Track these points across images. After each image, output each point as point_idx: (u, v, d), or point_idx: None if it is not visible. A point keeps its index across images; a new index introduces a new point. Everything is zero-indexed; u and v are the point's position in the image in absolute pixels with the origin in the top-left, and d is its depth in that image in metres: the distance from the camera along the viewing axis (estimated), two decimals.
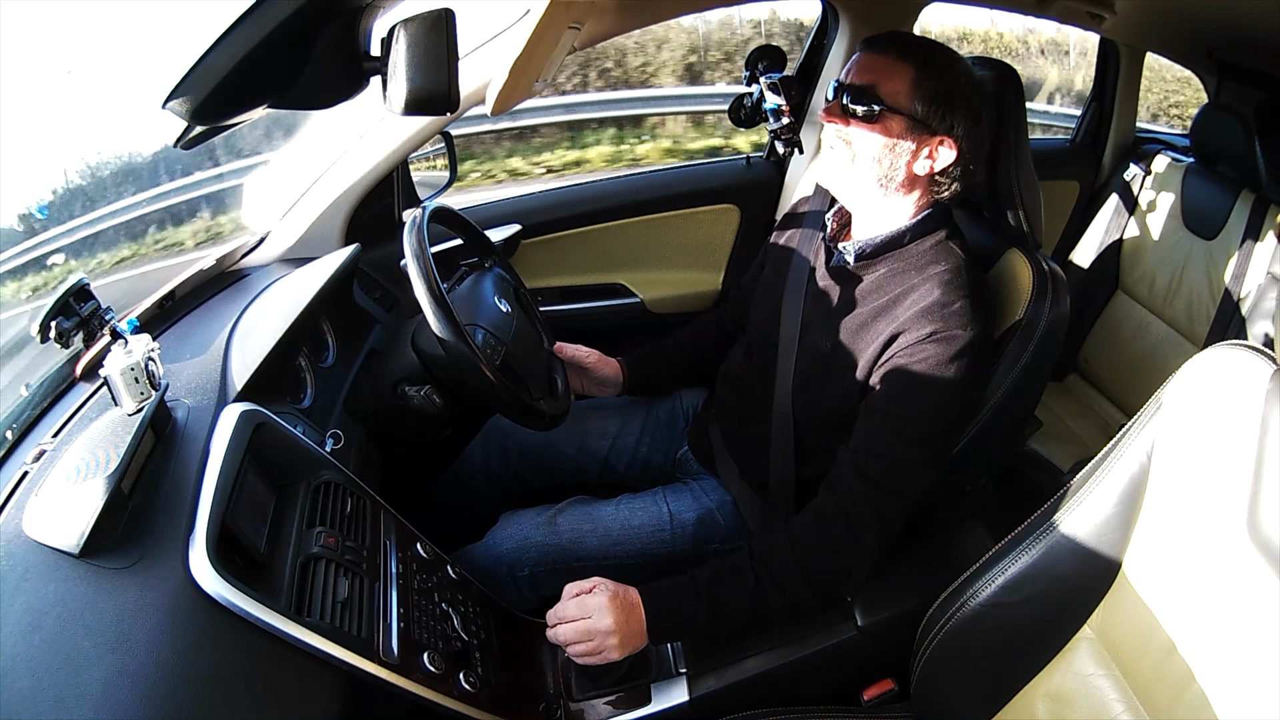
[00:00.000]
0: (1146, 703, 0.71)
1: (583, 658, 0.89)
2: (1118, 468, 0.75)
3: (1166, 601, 0.70)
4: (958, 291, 0.92)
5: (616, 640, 0.88)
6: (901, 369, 0.91)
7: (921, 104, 0.93)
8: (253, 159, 1.70)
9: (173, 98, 0.56)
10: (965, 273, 0.94)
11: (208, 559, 0.64)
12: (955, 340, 0.89)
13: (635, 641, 0.90)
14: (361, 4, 0.64)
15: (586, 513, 1.14)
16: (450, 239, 1.34)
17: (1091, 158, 2.01)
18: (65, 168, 1.48)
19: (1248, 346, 0.67)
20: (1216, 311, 1.63)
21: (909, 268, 0.97)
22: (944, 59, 0.94)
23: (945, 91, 0.93)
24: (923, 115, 0.93)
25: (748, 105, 1.70)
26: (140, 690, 0.55)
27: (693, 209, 1.74)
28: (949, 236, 0.99)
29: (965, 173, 0.97)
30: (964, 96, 0.94)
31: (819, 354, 1.01)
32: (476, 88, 1.20)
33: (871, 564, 0.92)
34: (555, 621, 0.90)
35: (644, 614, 0.90)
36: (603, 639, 0.88)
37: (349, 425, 1.06)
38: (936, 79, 0.93)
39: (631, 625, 0.89)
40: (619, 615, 0.88)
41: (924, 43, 0.96)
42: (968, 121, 0.94)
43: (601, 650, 0.88)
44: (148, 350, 0.73)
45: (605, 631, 0.88)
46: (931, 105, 0.93)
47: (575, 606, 0.90)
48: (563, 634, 0.89)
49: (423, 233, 1.01)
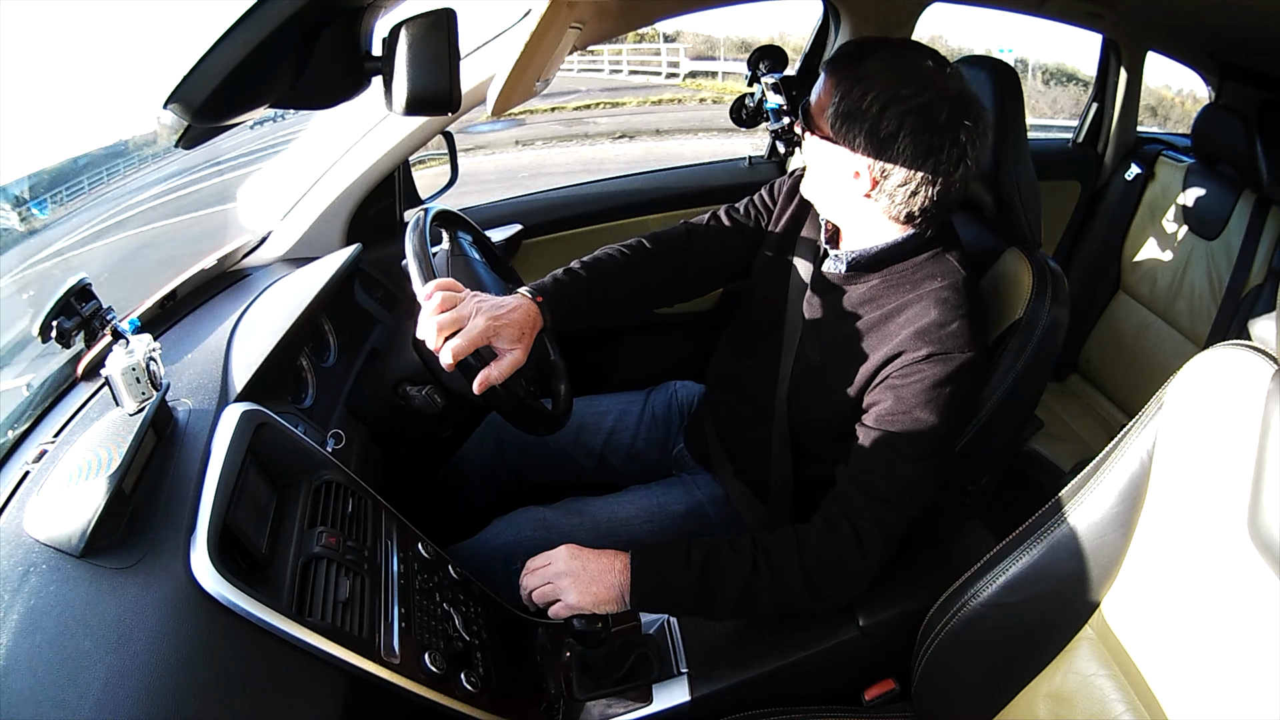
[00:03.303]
0: (1147, 703, 0.71)
1: (545, 600, 0.89)
2: (1119, 468, 0.75)
3: (1167, 601, 0.70)
4: (955, 311, 0.90)
5: (569, 581, 0.88)
6: (899, 389, 0.89)
7: (832, 122, 0.90)
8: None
9: (173, 97, 0.56)
10: (963, 289, 0.92)
11: (209, 559, 0.64)
12: (952, 360, 0.88)
13: (596, 590, 0.88)
14: (362, 4, 0.64)
15: (577, 508, 1.14)
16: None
17: (1093, 158, 2.01)
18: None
19: (1249, 346, 0.67)
20: (1218, 311, 1.63)
21: (904, 282, 0.95)
22: (864, 73, 0.87)
23: (848, 110, 0.88)
24: (834, 135, 0.90)
25: (749, 105, 1.70)
26: (141, 690, 0.55)
27: (694, 209, 1.74)
28: (945, 250, 0.96)
29: (934, 197, 0.89)
30: (867, 115, 0.86)
31: (812, 365, 1.01)
32: (477, 88, 1.20)
33: (872, 576, 0.91)
34: (524, 574, 0.92)
35: (628, 569, 0.89)
36: (558, 580, 0.88)
37: (350, 425, 1.06)
38: (843, 96, 0.88)
39: (592, 569, 0.89)
40: (578, 558, 0.90)
41: (863, 51, 0.90)
42: (869, 145, 0.87)
43: (558, 591, 0.88)
44: (149, 350, 0.73)
45: (557, 573, 0.89)
46: (838, 124, 0.89)
47: (542, 557, 0.92)
48: (525, 581, 0.91)
49: (425, 235, 1.01)
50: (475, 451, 1.31)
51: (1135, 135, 2.01)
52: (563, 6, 0.79)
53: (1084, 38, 1.86)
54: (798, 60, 1.80)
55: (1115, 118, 1.97)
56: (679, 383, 1.37)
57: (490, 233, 1.51)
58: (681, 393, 1.35)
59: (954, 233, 1.00)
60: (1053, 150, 2.08)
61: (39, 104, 1.32)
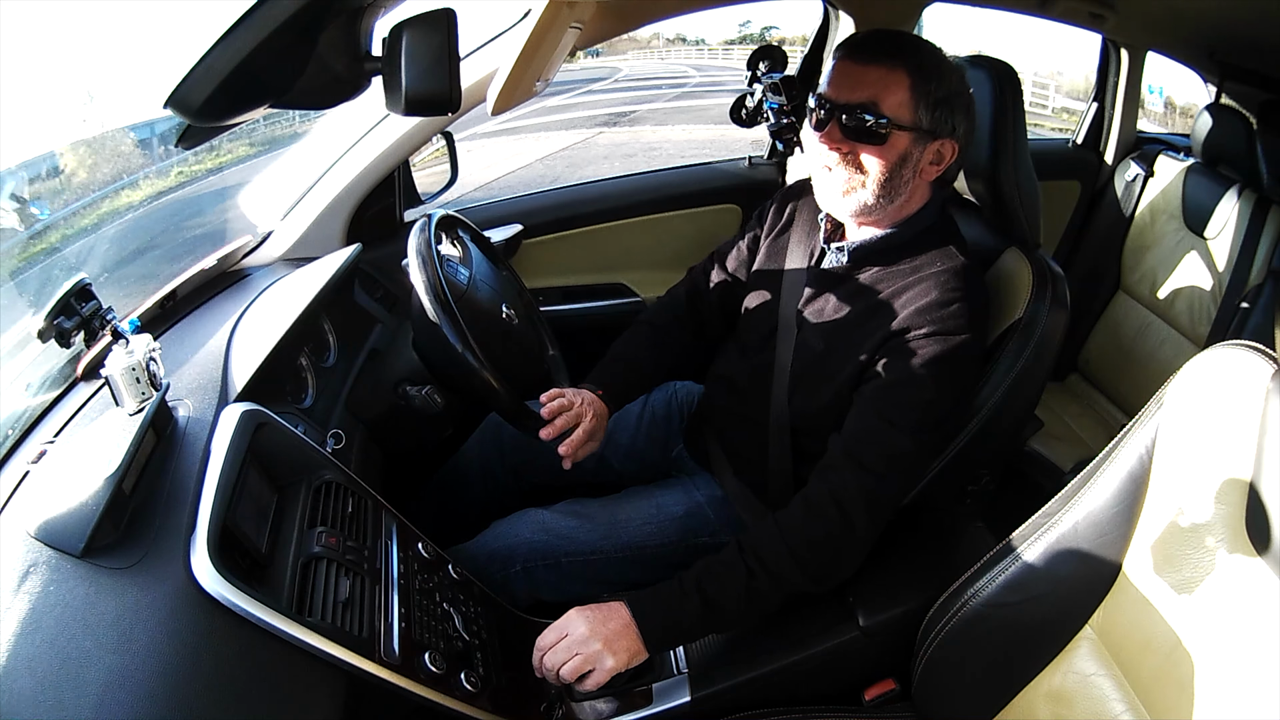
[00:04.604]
0: (1147, 703, 0.71)
1: (579, 673, 0.86)
2: (1119, 467, 0.75)
3: (1167, 601, 0.70)
4: (955, 293, 0.91)
5: (600, 645, 0.86)
6: (896, 362, 0.91)
7: (926, 113, 0.91)
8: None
9: (174, 97, 0.56)
10: (964, 274, 0.93)
11: (209, 559, 0.64)
12: (950, 339, 0.89)
13: (624, 645, 0.87)
14: (362, 4, 0.64)
15: (575, 509, 1.14)
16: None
17: (1093, 157, 2.01)
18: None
19: (1249, 346, 0.67)
20: (1218, 311, 1.63)
21: (905, 267, 0.97)
22: (932, 59, 0.91)
23: (945, 95, 0.91)
24: (929, 125, 0.91)
25: (749, 105, 1.70)
26: (141, 690, 0.55)
27: (694, 209, 1.74)
28: (947, 237, 0.98)
29: (959, 162, 0.97)
30: (959, 93, 0.93)
31: (813, 354, 1.01)
32: (478, 88, 1.20)
33: (866, 550, 0.91)
34: (540, 654, 0.88)
35: (632, 619, 0.88)
36: (585, 647, 0.86)
37: (350, 425, 1.06)
38: (935, 83, 0.90)
39: (612, 627, 0.87)
40: (595, 621, 0.87)
41: (909, 43, 0.93)
42: (968, 120, 0.94)
43: (592, 660, 0.86)
44: (149, 350, 0.73)
45: (583, 639, 0.86)
46: (936, 112, 0.91)
47: (552, 632, 0.89)
48: (549, 660, 0.87)
49: (430, 240, 1.01)
50: (475, 451, 1.31)
51: (1135, 135, 2.01)
52: (562, 6, 0.79)
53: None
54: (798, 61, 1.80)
55: (1115, 118, 1.97)
56: (679, 383, 1.37)
57: (490, 233, 1.51)
58: (681, 393, 1.35)
59: (954, 224, 1.02)
60: (1053, 150, 2.08)
61: (36, 105, 1.32)
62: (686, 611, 0.88)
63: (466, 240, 1.20)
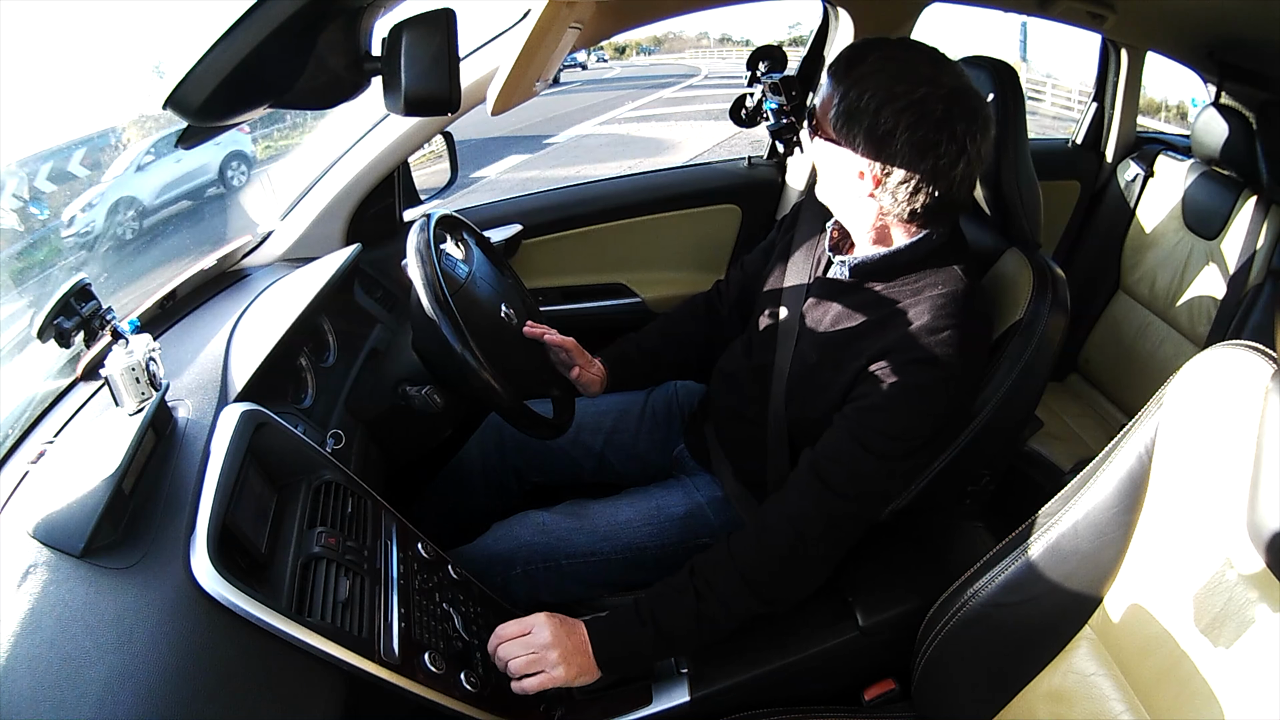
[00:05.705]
0: (1147, 703, 0.71)
1: (523, 671, 0.87)
2: (1118, 467, 0.75)
3: (1167, 601, 0.70)
4: (950, 319, 0.89)
5: (557, 655, 0.86)
6: (879, 384, 0.89)
7: (835, 124, 0.90)
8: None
9: (173, 97, 0.56)
10: (961, 299, 0.91)
11: (208, 559, 0.64)
12: (937, 366, 0.87)
13: (577, 662, 0.88)
14: (362, 4, 0.64)
15: (576, 511, 1.14)
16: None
17: (1093, 157, 2.01)
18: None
19: (1249, 346, 0.67)
20: (1218, 312, 1.63)
21: (905, 288, 0.94)
22: (861, 73, 0.87)
23: (847, 110, 0.88)
24: (837, 137, 0.90)
25: (749, 105, 1.70)
26: (141, 690, 0.55)
27: (694, 209, 1.74)
28: (951, 259, 0.95)
29: (936, 195, 0.88)
30: (864, 114, 0.86)
31: (808, 364, 1.01)
32: (477, 88, 1.20)
33: (827, 569, 0.91)
34: (497, 641, 0.89)
35: (588, 643, 0.89)
36: (542, 651, 0.87)
37: (350, 425, 1.06)
38: (842, 97, 0.88)
39: (572, 643, 0.88)
40: (559, 632, 0.88)
41: (864, 46, 0.91)
42: (869, 144, 0.87)
43: (542, 663, 0.86)
44: (148, 350, 0.73)
45: (544, 644, 0.87)
46: (839, 125, 0.89)
47: (515, 625, 0.89)
48: (503, 651, 0.87)
49: (429, 241, 1.01)
50: (475, 452, 1.31)
51: (1135, 135, 2.01)
52: (562, 6, 0.79)
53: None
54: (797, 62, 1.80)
55: (1115, 118, 1.97)
56: (679, 383, 1.37)
57: (490, 233, 1.52)
58: (682, 393, 1.35)
59: (963, 242, 0.99)
60: (1053, 150, 2.08)
61: (37, 103, 1.32)
62: (641, 642, 0.89)
63: (467, 240, 1.20)
